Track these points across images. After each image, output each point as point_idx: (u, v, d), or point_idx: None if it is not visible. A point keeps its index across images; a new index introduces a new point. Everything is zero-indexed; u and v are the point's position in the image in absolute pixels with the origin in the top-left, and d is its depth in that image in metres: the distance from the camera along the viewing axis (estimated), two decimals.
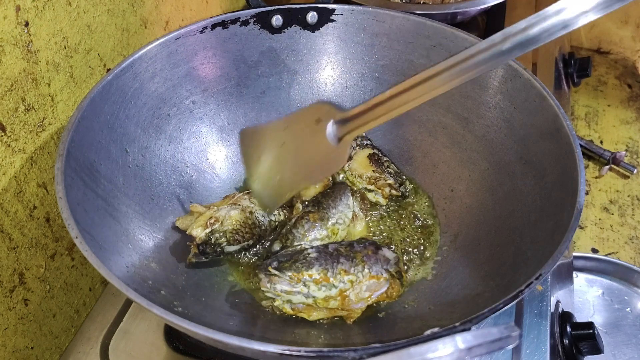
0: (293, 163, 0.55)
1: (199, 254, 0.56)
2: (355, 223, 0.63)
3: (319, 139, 0.51)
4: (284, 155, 0.55)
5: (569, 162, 0.52)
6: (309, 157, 0.53)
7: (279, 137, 0.55)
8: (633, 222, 0.93)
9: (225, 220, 0.57)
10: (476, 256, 0.57)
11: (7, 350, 0.55)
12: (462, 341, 0.35)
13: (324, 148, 0.50)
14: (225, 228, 0.57)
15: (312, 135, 0.51)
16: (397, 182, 0.66)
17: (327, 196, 0.62)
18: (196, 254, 0.56)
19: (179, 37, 0.63)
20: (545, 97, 0.57)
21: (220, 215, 0.57)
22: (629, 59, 1.23)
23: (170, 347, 0.57)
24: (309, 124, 0.52)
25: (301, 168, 0.54)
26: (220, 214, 0.57)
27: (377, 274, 0.53)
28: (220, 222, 0.57)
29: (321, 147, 0.51)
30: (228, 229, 0.57)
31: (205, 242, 0.56)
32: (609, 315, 0.79)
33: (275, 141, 0.56)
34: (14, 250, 0.55)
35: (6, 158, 0.52)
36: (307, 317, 0.53)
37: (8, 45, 0.50)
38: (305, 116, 0.53)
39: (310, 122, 0.51)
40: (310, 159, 0.53)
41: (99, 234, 0.49)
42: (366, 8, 0.69)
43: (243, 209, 0.59)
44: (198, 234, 0.56)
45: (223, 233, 0.56)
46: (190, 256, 0.56)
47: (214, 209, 0.58)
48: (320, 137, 0.50)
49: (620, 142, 1.06)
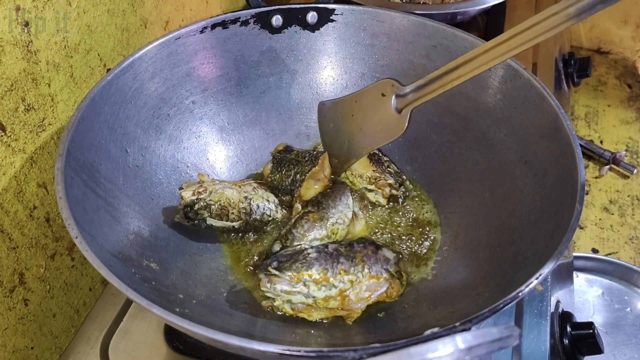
0: (361, 131, 0.64)
1: (183, 217, 0.58)
2: (355, 223, 0.63)
3: (383, 109, 0.60)
4: (353, 123, 0.64)
5: (569, 162, 0.52)
6: (374, 126, 0.62)
7: (350, 108, 0.65)
8: (633, 222, 0.93)
9: (214, 193, 0.59)
10: (476, 256, 0.57)
11: (7, 350, 0.55)
12: (462, 341, 0.35)
13: (387, 118, 0.60)
14: (210, 200, 0.59)
15: (378, 107, 0.61)
16: (397, 182, 0.66)
17: (326, 196, 0.62)
18: (181, 217, 0.58)
19: (179, 37, 0.63)
20: (545, 97, 0.57)
21: (212, 188, 0.59)
22: (629, 59, 1.24)
23: (170, 347, 0.57)
24: (377, 98, 0.61)
25: (367, 135, 0.63)
26: (215, 187, 0.59)
27: (377, 273, 0.53)
28: (209, 193, 0.59)
29: (385, 117, 0.60)
30: (213, 202, 0.59)
31: (189, 206, 0.58)
32: (609, 315, 0.79)
33: (347, 112, 0.65)
34: (14, 250, 0.55)
35: (6, 158, 0.52)
36: (307, 317, 0.53)
37: (8, 45, 0.50)
38: (372, 91, 0.61)
39: (377, 96, 0.61)
40: (375, 127, 0.62)
41: (99, 234, 0.49)
42: (366, 8, 0.69)
43: (240, 192, 0.61)
44: (185, 196, 0.58)
45: (206, 204, 0.58)
46: (177, 215, 0.59)
47: (216, 182, 0.60)
48: (385, 108, 0.60)
49: (620, 142, 1.06)
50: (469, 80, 0.64)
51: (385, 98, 0.60)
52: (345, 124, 0.66)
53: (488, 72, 0.62)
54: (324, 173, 0.66)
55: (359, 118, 0.64)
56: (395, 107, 0.59)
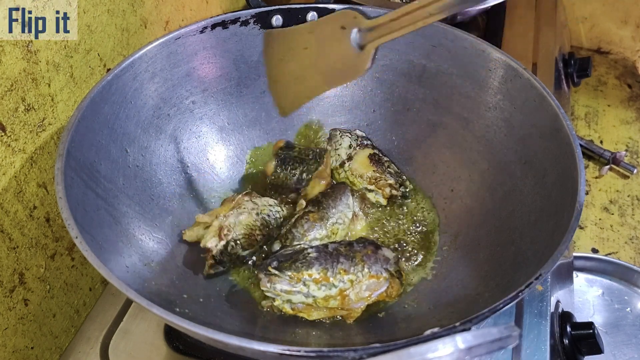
0: (315, 67, 0.56)
1: (216, 265, 0.56)
2: (355, 223, 0.63)
3: (342, 44, 0.52)
4: (306, 58, 0.57)
5: (569, 162, 0.52)
6: (331, 62, 0.55)
7: (303, 41, 0.57)
8: (633, 222, 0.93)
9: (236, 226, 0.57)
10: (476, 256, 0.57)
11: (7, 350, 0.55)
12: (462, 341, 0.35)
13: (346, 54, 0.52)
14: (238, 235, 0.56)
15: (336, 40, 0.53)
16: (397, 182, 0.66)
17: (327, 196, 0.62)
18: (213, 265, 0.56)
19: (179, 37, 0.63)
20: (545, 97, 0.57)
21: (230, 223, 0.57)
22: (629, 59, 1.23)
23: (170, 347, 0.57)
24: (334, 30, 0.53)
25: (322, 72, 0.56)
26: (230, 221, 0.57)
27: (376, 273, 0.53)
28: (233, 230, 0.56)
29: (344, 53, 0.52)
30: (241, 235, 0.57)
31: (221, 252, 0.55)
32: (609, 315, 0.79)
33: (299, 44, 0.57)
34: (14, 250, 0.55)
35: (6, 158, 0.52)
36: (307, 316, 0.53)
37: (8, 45, 0.50)
38: (330, 22, 0.54)
39: (336, 28, 0.53)
40: (332, 64, 0.55)
41: (99, 234, 0.49)
42: (366, 8, 0.69)
43: (249, 211, 0.58)
44: (213, 246, 0.55)
45: (237, 240, 0.56)
46: (206, 268, 0.56)
47: (220, 217, 0.57)
48: (344, 43, 0.52)
49: (620, 142, 1.06)
50: (468, 80, 0.65)
51: (345, 31, 0.52)
52: (296, 58, 0.59)
53: (488, 72, 0.63)
54: (327, 171, 0.66)
55: (313, 52, 0.56)
56: (358, 42, 0.52)
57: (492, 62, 0.62)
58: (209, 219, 0.58)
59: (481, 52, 0.63)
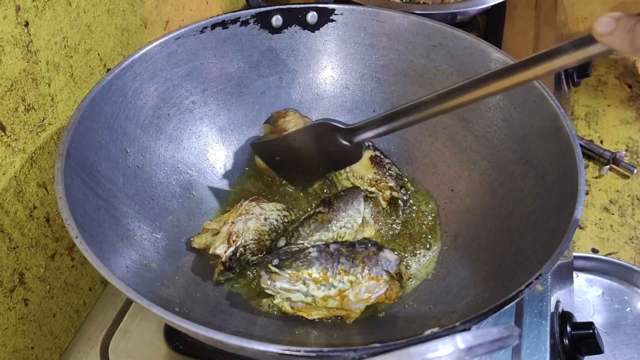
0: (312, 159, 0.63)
1: (225, 271, 0.55)
2: (364, 229, 0.62)
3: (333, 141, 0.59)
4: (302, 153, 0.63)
5: (569, 162, 0.52)
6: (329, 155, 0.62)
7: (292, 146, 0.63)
8: (633, 222, 0.93)
9: (245, 232, 0.57)
10: (476, 256, 0.57)
11: (7, 350, 0.55)
12: (462, 341, 0.35)
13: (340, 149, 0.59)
14: (247, 241, 0.56)
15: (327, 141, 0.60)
16: (398, 184, 0.65)
17: (339, 198, 0.61)
18: (222, 271, 0.55)
19: (179, 37, 0.63)
20: (545, 97, 0.57)
21: (239, 229, 0.57)
22: (629, 59, 1.23)
23: (170, 347, 0.57)
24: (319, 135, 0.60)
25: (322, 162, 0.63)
26: (238, 227, 0.57)
27: (376, 275, 0.53)
28: (241, 235, 0.56)
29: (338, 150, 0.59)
30: (250, 241, 0.56)
31: (230, 258, 0.55)
32: (609, 315, 0.79)
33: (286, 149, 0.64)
34: (14, 250, 0.55)
35: (6, 158, 0.52)
36: (306, 316, 0.53)
37: (8, 45, 0.50)
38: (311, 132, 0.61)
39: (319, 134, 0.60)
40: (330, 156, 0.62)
41: (99, 234, 0.49)
42: (366, 8, 0.69)
43: (257, 217, 0.58)
44: (222, 252, 0.55)
45: (247, 246, 0.56)
46: (216, 275, 0.56)
47: (229, 223, 0.57)
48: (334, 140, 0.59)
49: (620, 142, 1.06)
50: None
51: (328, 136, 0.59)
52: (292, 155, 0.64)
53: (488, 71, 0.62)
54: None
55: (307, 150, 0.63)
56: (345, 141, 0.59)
57: (492, 62, 0.63)
58: (217, 225, 0.58)
59: (481, 52, 0.63)
